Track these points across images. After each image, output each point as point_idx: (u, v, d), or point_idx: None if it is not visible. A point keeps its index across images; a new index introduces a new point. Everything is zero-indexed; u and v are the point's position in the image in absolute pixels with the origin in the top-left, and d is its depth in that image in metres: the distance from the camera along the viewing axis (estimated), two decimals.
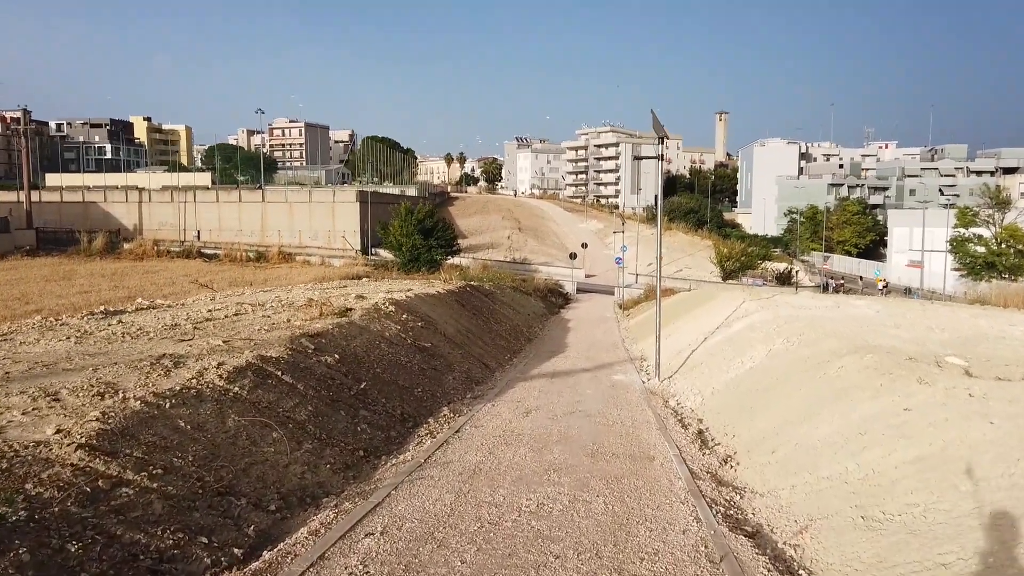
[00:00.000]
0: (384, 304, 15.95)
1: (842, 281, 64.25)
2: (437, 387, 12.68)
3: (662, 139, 15.43)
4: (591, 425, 10.72)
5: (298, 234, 69.54)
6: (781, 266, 69.54)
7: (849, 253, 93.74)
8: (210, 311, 13.94)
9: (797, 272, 66.05)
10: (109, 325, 11.55)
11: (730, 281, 58.63)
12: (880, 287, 65.39)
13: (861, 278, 75.09)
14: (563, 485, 7.36)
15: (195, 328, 11.39)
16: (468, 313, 22.85)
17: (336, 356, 10.63)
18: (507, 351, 21.31)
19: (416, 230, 52.98)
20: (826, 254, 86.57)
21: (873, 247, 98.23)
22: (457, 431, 9.80)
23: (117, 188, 77.20)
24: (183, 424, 6.60)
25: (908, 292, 61.59)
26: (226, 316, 13.11)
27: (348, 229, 68.64)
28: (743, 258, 62.85)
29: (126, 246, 61.80)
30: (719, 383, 13.47)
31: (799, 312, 18.06)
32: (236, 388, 7.90)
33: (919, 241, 79.76)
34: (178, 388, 7.31)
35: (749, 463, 8.69)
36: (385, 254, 58.06)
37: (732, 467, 8.77)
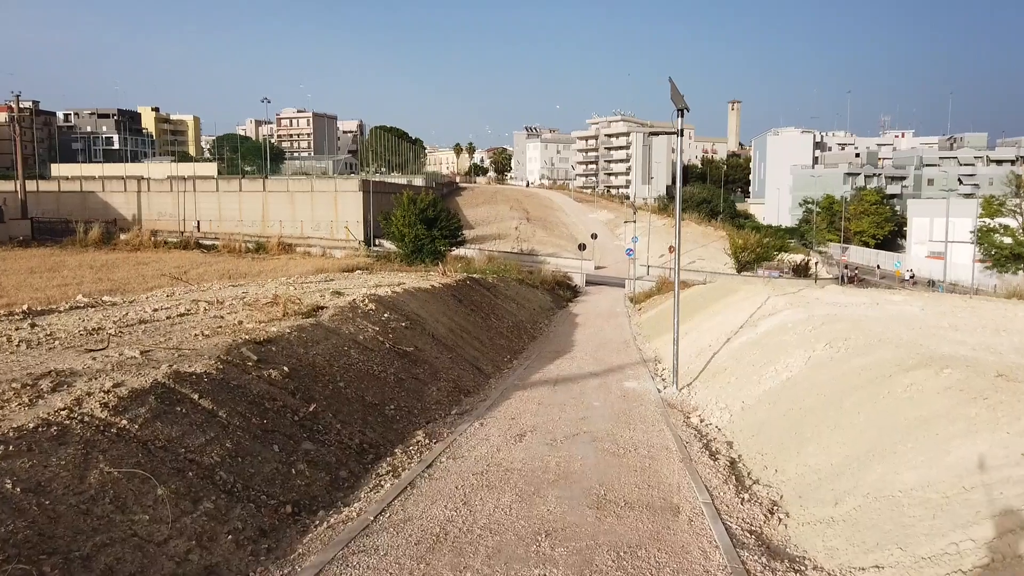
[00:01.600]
0: (363, 301, 13.96)
1: (856, 271, 61.86)
2: (416, 402, 10.67)
3: (681, 111, 13.32)
4: (598, 454, 8.69)
5: (300, 224, 67.73)
6: (798, 257, 67.11)
7: (867, 244, 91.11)
8: (155, 311, 11.98)
9: (816, 264, 63.63)
10: (16, 329, 9.61)
11: (745, 273, 56.40)
12: (907, 277, 63.08)
13: (878, 267, 72.70)
14: (557, 564, 5.33)
15: (118, 334, 9.43)
16: (465, 309, 20.86)
17: (285, 369, 8.64)
18: (507, 351, 19.30)
19: (418, 220, 50.96)
20: (844, 245, 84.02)
21: (891, 238, 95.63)
22: (429, 466, 7.79)
23: (120, 178, 75.41)
24: (9, 485, 4.62)
25: (932, 284, 59.17)
26: (168, 317, 11.14)
27: (351, 219, 66.76)
28: (759, 249, 60.55)
29: (122, 237, 60.21)
30: (750, 396, 11.40)
31: (836, 310, 15.94)
32: (124, 421, 5.92)
33: (940, 232, 77.37)
34: (32, 425, 5.33)
35: (804, 516, 6.64)
36: (389, 245, 56.07)
37: (781, 520, 6.72)
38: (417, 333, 14.14)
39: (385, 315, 13.80)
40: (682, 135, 13.50)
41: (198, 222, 69.11)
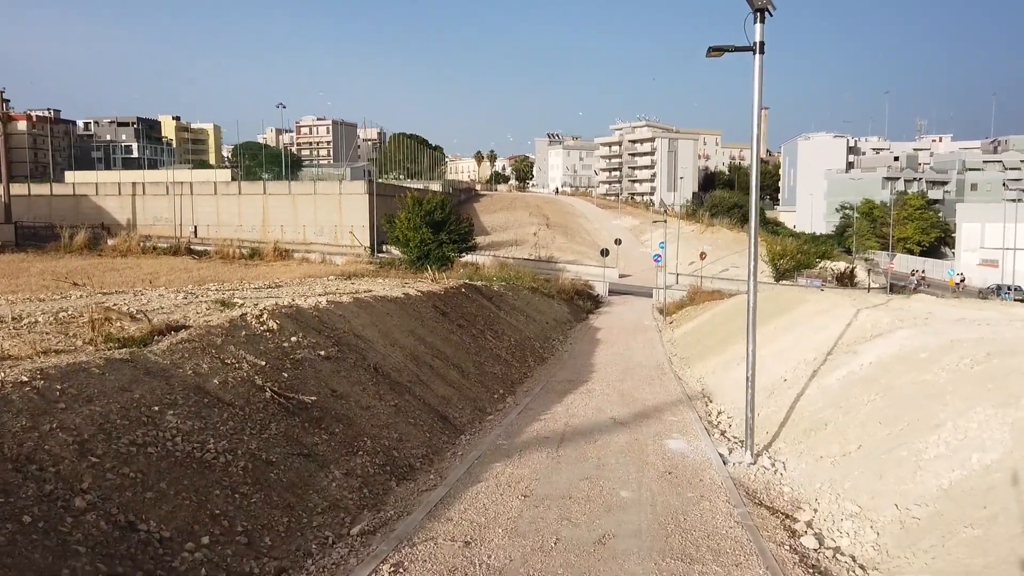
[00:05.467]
0: (261, 316, 8.95)
1: (924, 278, 56.61)
2: (280, 515, 5.60)
3: (762, 11, 8.24)
4: None
5: (302, 229, 63.17)
6: (841, 265, 61.24)
7: (911, 251, 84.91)
8: None
9: (869, 272, 57.95)
10: None
11: (784, 282, 50.99)
12: (958, 281, 57.57)
13: (912, 272, 67.41)
14: None
15: None
16: (449, 325, 15.80)
17: None
18: (501, 383, 14.20)
19: (424, 223, 45.95)
20: (892, 253, 78.03)
21: (936, 245, 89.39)
22: None
23: (115, 182, 71.44)
24: None
25: (998, 292, 53.16)
26: None
27: (357, 224, 62.04)
28: (799, 256, 55.06)
29: (110, 242, 55.99)
30: (911, 494, 6.20)
31: (981, 332, 10.65)
32: None
33: (991, 238, 71.81)
34: None
35: None
36: (397, 252, 51.19)
37: None
38: (345, 366, 9.09)
39: (293, 338, 8.78)
40: (763, 52, 8.41)
41: (195, 227, 64.88)
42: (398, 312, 13.73)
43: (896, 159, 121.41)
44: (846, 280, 55.13)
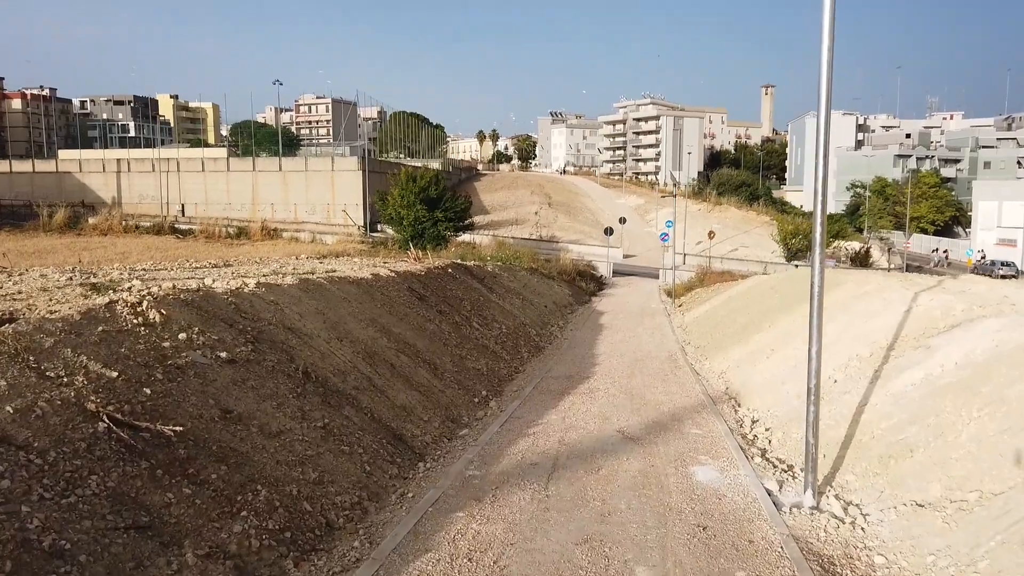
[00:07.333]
0: (140, 306, 6.49)
1: (946, 252, 54.46)
2: None
3: None
4: None
5: (293, 208, 60.54)
6: (856, 245, 58.60)
7: (925, 231, 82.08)
8: None
9: (889, 251, 55.44)
10: None
11: (796, 262, 48.57)
12: (978, 259, 55.24)
13: (936, 251, 65.01)
14: None
15: None
16: (428, 312, 13.34)
17: None
18: (484, 382, 11.76)
19: (419, 200, 43.32)
20: (908, 232, 75.35)
21: (949, 224, 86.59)
22: None
23: (99, 159, 68.78)
24: None
25: (992, 267, 50.54)
26: None
27: (350, 202, 59.38)
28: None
29: (91, 220, 53.59)
30: None
31: None
32: None
33: (1010, 216, 69.04)
34: None
35: None
36: (392, 231, 48.60)
37: None
38: (257, 373, 6.65)
39: (181, 335, 6.34)
40: None
41: (182, 206, 62.35)
42: (359, 297, 11.27)
43: (908, 136, 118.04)
44: (862, 261, 52.66)
